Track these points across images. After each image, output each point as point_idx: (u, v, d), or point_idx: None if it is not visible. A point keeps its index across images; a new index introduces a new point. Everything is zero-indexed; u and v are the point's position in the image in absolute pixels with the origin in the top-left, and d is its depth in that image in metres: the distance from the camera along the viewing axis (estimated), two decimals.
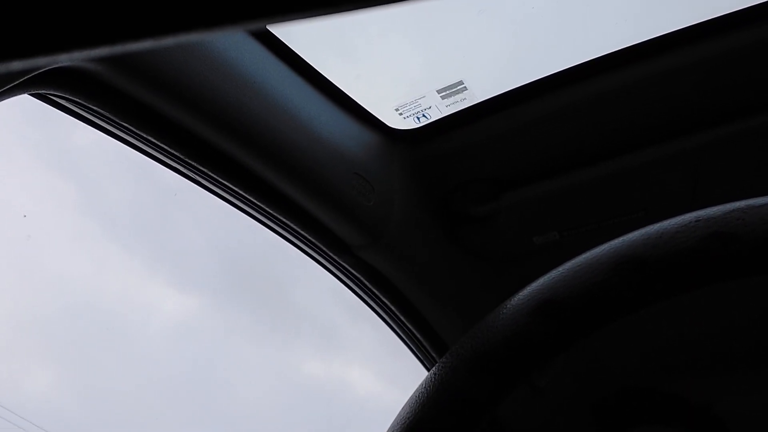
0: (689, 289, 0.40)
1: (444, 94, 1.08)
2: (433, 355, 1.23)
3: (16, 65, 0.21)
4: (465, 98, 1.08)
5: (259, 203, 0.98)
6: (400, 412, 0.44)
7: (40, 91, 0.74)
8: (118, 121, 0.82)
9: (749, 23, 0.94)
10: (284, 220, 1.01)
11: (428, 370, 1.23)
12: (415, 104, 1.09)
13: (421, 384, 0.44)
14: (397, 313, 1.19)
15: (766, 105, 0.99)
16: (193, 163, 0.90)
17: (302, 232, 1.04)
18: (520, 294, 0.44)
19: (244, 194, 0.96)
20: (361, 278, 1.14)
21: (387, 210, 1.09)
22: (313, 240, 1.06)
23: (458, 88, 1.07)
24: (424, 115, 1.10)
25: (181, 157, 0.88)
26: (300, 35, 0.97)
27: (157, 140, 0.85)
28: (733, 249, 0.38)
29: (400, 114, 1.11)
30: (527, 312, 0.42)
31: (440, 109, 1.10)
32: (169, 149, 0.87)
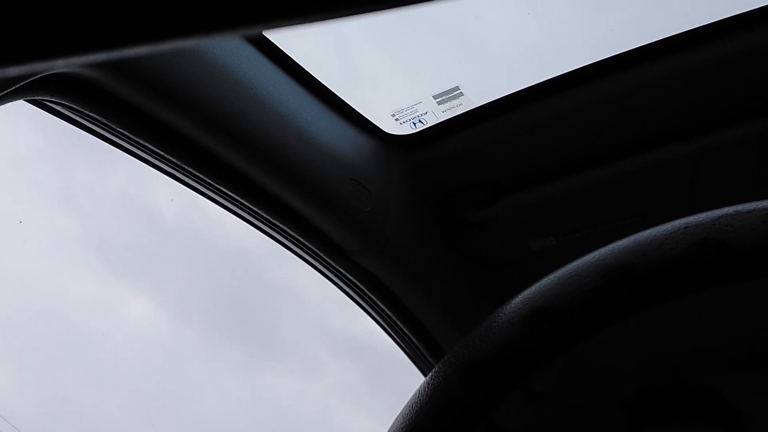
0: (679, 295, 0.40)
1: (440, 99, 1.08)
2: (430, 360, 1.23)
3: (13, 71, 0.21)
4: (461, 104, 1.09)
5: (255, 209, 0.98)
6: (394, 423, 0.44)
7: (36, 97, 0.74)
8: (114, 126, 0.82)
9: (746, 28, 0.94)
10: (281, 225, 1.01)
11: (425, 375, 1.23)
12: (411, 110, 1.09)
13: (415, 394, 0.45)
14: (394, 318, 1.19)
15: (763, 109, 1.00)
16: (189, 169, 0.90)
17: (299, 238, 1.04)
18: (511, 303, 0.44)
19: (240, 200, 0.96)
20: (358, 283, 1.14)
21: (383, 215, 1.09)
22: (310, 245, 1.06)
23: (454, 93, 1.07)
24: (420, 121, 1.11)
25: (178, 162, 0.88)
26: (296, 41, 0.98)
27: (154, 146, 0.85)
28: (722, 255, 0.39)
29: (397, 119, 1.11)
30: (518, 320, 0.42)
31: (436, 114, 1.10)
32: (165, 155, 0.87)
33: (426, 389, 0.44)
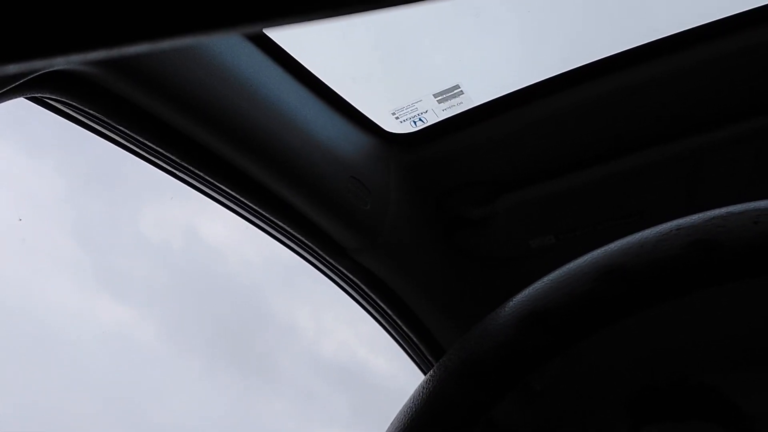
0: (673, 297, 0.40)
1: (440, 98, 1.08)
2: (429, 357, 1.23)
3: (13, 68, 0.21)
4: (461, 102, 1.09)
5: (255, 207, 0.98)
6: (391, 425, 0.45)
7: (36, 95, 0.74)
8: (114, 124, 0.82)
9: (745, 27, 0.94)
10: (280, 223, 1.01)
11: (424, 373, 1.22)
12: (411, 108, 1.09)
13: (411, 396, 0.45)
14: (394, 316, 1.19)
15: (761, 108, 1.00)
16: (189, 167, 0.90)
17: (298, 236, 1.04)
18: (506, 306, 0.45)
19: (240, 198, 0.96)
20: (358, 281, 1.14)
21: (383, 213, 1.09)
22: (310, 243, 1.06)
23: (455, 92, 1.07)
24: (420, 119, 1.11)
25: (177, 160, 0.88)
26: (296, 38, 0.98)
27: (153, 144, 0.85)
28: (715, 256, 0.39)
29: (397, 118, 1.11)
30: (513, 323, 0.43)
31: (437, 113, 1.10)
32: (165, 153, 0.87)
33: (422, 393, 0.44)
